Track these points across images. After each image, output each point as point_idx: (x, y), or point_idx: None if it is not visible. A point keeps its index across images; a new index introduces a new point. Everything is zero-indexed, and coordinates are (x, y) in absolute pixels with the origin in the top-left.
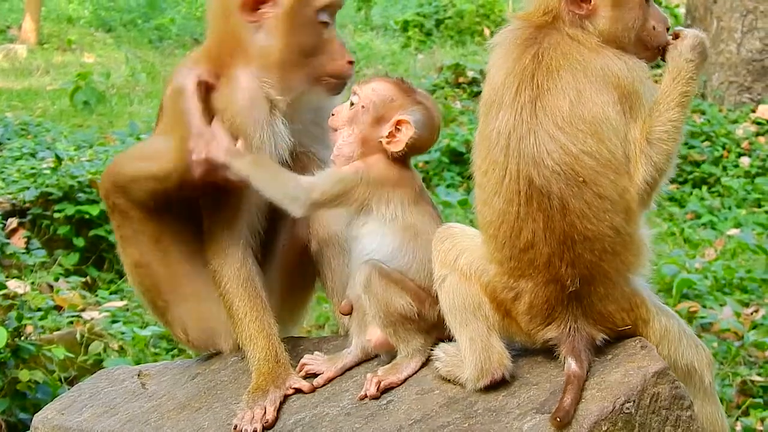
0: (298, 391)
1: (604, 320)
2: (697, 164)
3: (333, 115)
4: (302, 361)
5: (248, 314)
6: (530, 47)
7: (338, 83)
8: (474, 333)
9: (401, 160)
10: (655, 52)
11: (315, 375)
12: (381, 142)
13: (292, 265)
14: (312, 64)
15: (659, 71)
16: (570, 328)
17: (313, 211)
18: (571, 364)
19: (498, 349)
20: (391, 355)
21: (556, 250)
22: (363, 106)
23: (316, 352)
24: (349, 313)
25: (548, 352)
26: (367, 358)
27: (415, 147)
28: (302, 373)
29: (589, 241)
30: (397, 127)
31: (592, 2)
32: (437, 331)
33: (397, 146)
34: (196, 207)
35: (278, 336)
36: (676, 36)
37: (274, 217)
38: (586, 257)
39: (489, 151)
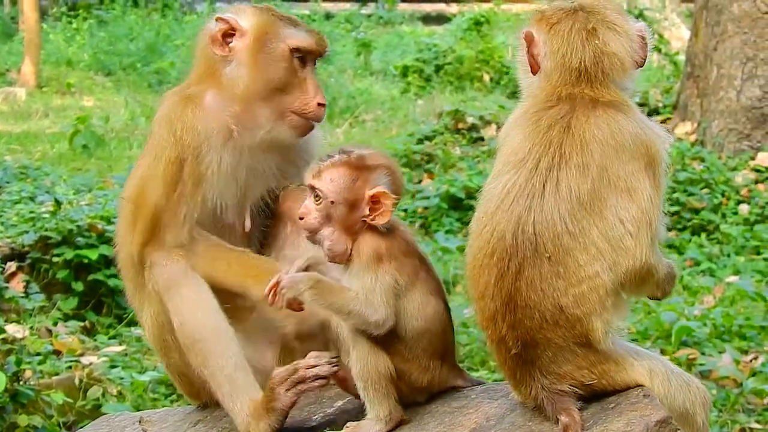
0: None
1: (565, 379)
2: (696, 211)
3: (302, 219)
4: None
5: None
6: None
7: (304, 123)
8: None
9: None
10: None
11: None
12: (365, 221)
13: None
14: (280, 99)
15: None
16: (539, 388)
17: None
18: (562, 419)
19: None
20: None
21: (500, 309)
22: (332, 201)
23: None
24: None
25: None
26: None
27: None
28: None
29: (529, 309)
30: (374, 201)
31: None
32: (420, 395)
33: (385, 217)
34: None
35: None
36: None
37: None
38: (526, 323)
39: (486, 203)
